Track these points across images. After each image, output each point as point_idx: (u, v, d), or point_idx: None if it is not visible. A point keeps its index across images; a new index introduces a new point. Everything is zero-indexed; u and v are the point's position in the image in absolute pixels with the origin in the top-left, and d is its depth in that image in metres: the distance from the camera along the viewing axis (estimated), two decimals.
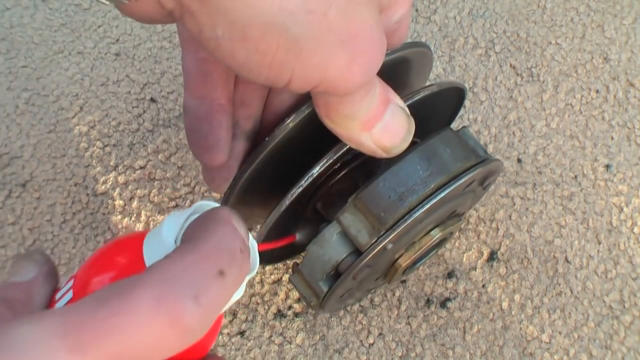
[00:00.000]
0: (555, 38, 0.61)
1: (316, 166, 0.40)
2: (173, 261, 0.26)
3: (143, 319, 0.24)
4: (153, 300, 0.24)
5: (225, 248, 0.27)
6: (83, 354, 0.24)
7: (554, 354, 0.51)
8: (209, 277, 0.26)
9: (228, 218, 0.29)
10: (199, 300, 0.25)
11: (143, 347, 0.25)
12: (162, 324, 0.24)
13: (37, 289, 0.30)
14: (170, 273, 0.25)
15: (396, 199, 0.39)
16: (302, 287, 0.43)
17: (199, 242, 0.27)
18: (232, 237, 0.28)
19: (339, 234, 0.41)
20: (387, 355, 0.51)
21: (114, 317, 0.24)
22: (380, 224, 0.39)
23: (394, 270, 0.45)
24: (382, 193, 0.39)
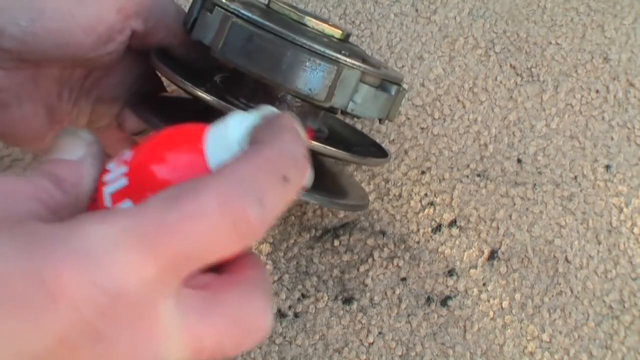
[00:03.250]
0: (555, 38, 0.61)
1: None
2: (239, 164, 0.26)
3: (210, 222, 0.25)
4: (220, 203, 0.25)
5: (289, 154, 0.28)
6: (156, 257, 0.24)
7: (554, 353, 0.51)
8: (273, 181, 0.26)
9: (292, 124, 0.29)
10: (263, 203, 0.26)
11: (208, 248, 0.25)
12: (227, 226, 0.25)
13: (86, 170, 0.30)
14: (236, 176, 0.26)
15: None
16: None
17: (265, 147, 0.27)
18: (295, 143, 0.28)
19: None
20: (387, 355, 0.51)
21: (184, 221, 0.25)
22: None
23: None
24: None
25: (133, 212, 0.25)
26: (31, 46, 0.38)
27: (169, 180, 0.28)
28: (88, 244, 0.24)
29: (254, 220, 0.25)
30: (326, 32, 0.44)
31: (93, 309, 0.23)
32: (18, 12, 0.37)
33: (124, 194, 0.28)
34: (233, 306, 0.27)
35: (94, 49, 0.41)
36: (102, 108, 0.48)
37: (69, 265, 0.23)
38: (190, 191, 0.25)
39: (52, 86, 0.44)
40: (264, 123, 0.29)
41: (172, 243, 0.24)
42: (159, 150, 0.29)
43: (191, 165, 0.28)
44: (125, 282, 0.24)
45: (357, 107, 0.41)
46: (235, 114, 0.30)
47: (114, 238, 0.24)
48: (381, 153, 0.49)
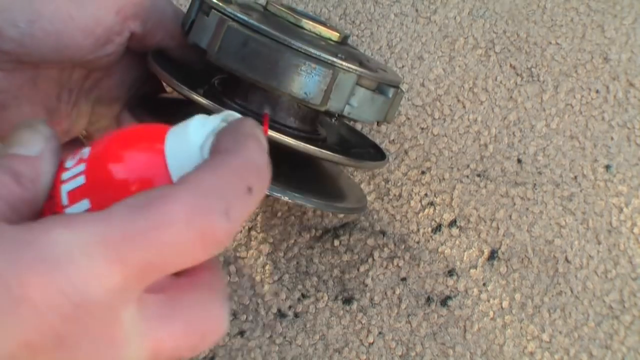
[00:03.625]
0: (555, 38, 0.61)
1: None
2: (206, 174, 0.26)
3: (177, 232, 0.25)
4: (187, 214, 0.25)
5: (254, 164, 0.28)
6: (121, 265, 0.24)
7: (554, 353, 0.51)
8: (239, 192, 0.27)
9: (255, 131, 0.29)
10: (229, 215, 0.26)
11: (173, 258, 0.25)
12: (194, 237, 0.25)
13: (43, 166, 0.29)
14: (203, 187, 0.26)
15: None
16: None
17: (230, 156, 0.27)
18: (259, 153, 0.28)
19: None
20: (387, 355, 0.51)
21: (151, 230, 0.25)
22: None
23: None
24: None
25: (99, 218, 0.25)
26: (30, 48, 0.39)
27: (127, 180, 0.28)
28: (54, 250, 0.24)
29: (220, 232, 0.25)
30: (323, 35, 0.44)
31: (57, 315, 0.24)
32: (16, 14, 0.37)
33: (81, 192, 0.28)
34: (191, 310, 0.28)
35: (93, 50, 0.41)
36: (102, 109, 0.48)
37: (35, 271, 0.23)
38: (157, 200, 0.25)
39: (51, 88, 0.44)
40: (228, 129, 0.29)
41: (138, 252, 0.25)
42: (118, 149, 0.29)
43: (150, 166, 0.28)
44: (89, 289, 0.24)
45: (353, 111, 0.41)
46: (197, 117, 0.29)
47: (80, 245, 0.24)
48: (379, 155, 0.49)
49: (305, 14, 0.45)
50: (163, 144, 0.28)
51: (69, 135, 0.48)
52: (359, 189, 0.53)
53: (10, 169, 0.28)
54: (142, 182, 0.28)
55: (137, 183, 0.28)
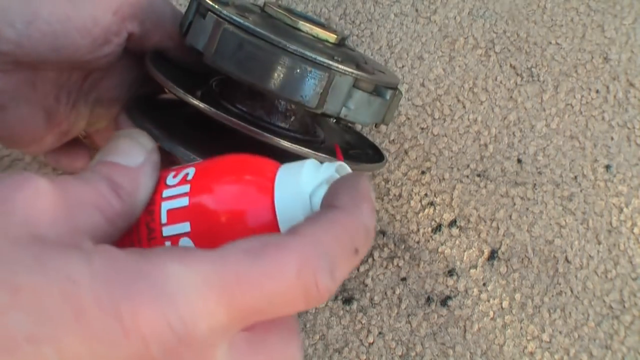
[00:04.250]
0: (555, 38, 0.61)
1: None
2: (318, 229, 0.26)
3: (287, 284, 0.25)
4: (298, 267, 0.25)
5: (365, 227, 0.28)
6: (230, 308, 0.25)
7: (554, 353, 0.51)
8: (347, 253, 0.27)
9: (368, 191, 0.29)
10: (334, 275, 0.26)
11: (278, 307, 0.26)
12: (300, 290, 0.25)
13: (144, 179, 0.29)
14: (315, 242, 0.26)
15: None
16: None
17: (344, 215, 0.27)
18: (371, 216, 0.28)
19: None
20: (387, 355, 0.51)
21: (263, 278, 0.25)
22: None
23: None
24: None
25: (214, 258, 0.25)
26: (27, 49, 0.39)
27: (232, 213, 0.28)
28: (168, 284, 0.24)
29: (323, 290, 0.26)
30: (320, 37, 0.43)
31: (160, 348, 0.24)
32: (13, 15, 0.37)
33: (183, 215, 0.28)
34: (273, 351, 0.28)
35: (91, 51, 0.41)
36: (101, 110, 0.48)
37: (147, 304, 0.24)
38: (271, 248, 0.25)
39: (49, 89, 0.44)
40: (343, 184, 0.29)
41: (248, 297, 0.25)
42: (226, 179, 0.29)
43: (258, 204, 0.28)
44: (196, 327, 0.24)
45: (350, 113, 0.41)
46: (310, 162, 0.29)
47: (192, 282, 0.24)
48: (378, 156, 0.49)
49: (302, 16, 0.44)
50: (272, 183, 0.28)
51: (68, 136, 0.48)
52: None
53: (110, 180, 0.28)
54: (246, 217, 0.28)
55: (241, 218, 0.28)
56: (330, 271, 0.26)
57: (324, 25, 0.45)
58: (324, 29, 0.44)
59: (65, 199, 0.27)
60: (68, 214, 0.26)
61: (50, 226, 0.26)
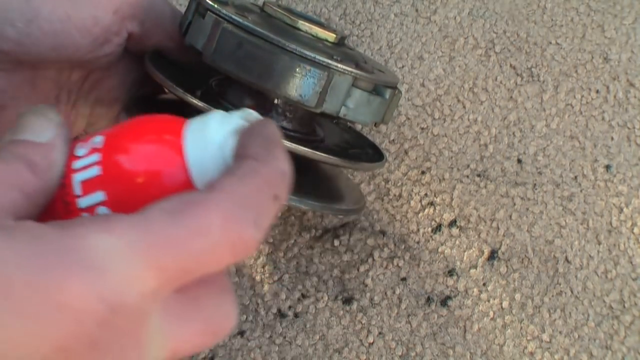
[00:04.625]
0: (555, 38, 0.61)
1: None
2: (236, 182, 0.27)
3: (213, 240, 0.25)
4: (222, 222, 0.25)
5: (280, 172, 0.28)
6: (158, 271, 0.25)
7: (554, 353, 0.51)
8: (267, 202, 0.27)
9: (279, 137, 0.29)
10: (258, 224, 0.26)
11: (206, 264, 0.26)
12: (227, 245, 0.26)
13: (56, 154, 0.29)
14: (236, 196, 0.26)
15: None
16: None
17: (257, 164, 0.28)
18: (285, 161, 0.29)
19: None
20: (387, 355, 0.51)
21: (188, 237, 0.25)
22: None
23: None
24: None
25: (137, 222, 0.25)
26: (27, 48, 0.39)
27: (144, 174, 0.28)
28: (93, 255, 0.24)
29: (249, 241, 0.26)
30: (319, 36, 0.43)
31: (94, 320, 0.24)
32: (14, 14, 0.37)
33: (96, 183, 0.28)
34: (208, 310, 0.28)
35: (91, 50, 0.41)
36: (101, 110, 0.48)
37: (75, 277, 0.23)
38: (194, 206, 0.26)
39: (49, 88, 0.44)
40: (251, 132, 0.29)
41: (175, 258, 0.25)
42: (135, 142, 0.29)
43: (169, 161, 0.28)
44: (126, 294, 0.24)
45: (349, 112, 0.41)
46: (216, 113, 0.29)
47: (118, 250, 0.24)
48: (377, 156, 0.49)
49: (301, 15, 0.44)
50: (181, 139, 0.28)
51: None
52: (358, 189, 0.53)
53: (24, 157, 0.28)
54: (161, 177, 0.28)
55: (155, 178, 0.28)
56: (254, 221, 0.26)
57: (323, 25, 0.45)
58: (323, 28, 0.44)
59: None
60: None
61: None
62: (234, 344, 0.51)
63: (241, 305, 0.52)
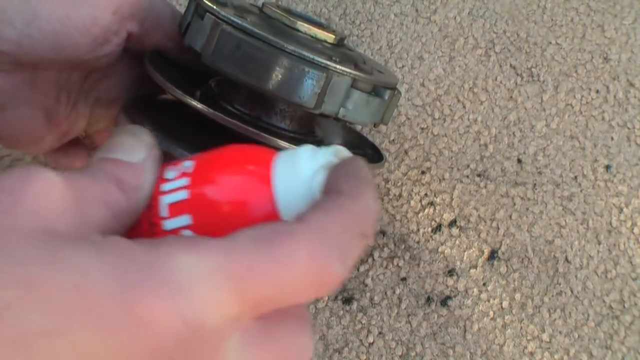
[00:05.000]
0: (555, 38, 0.61)
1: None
2: (325, 216, 0.27)
3: (298, 272, 0.25)
4: (309, 255, 0.25)
5: (370, 211, 0.28)
6: (241, 298, 0.25)
7: (554, 353, 0.51)
8: (355, 239, 0.27)
9: (368, 174, 0.29)
10: (345, 261, 0.26)
11: (290, 295, 0.26)
12: (312, 278, 0.25)
13: (146, 174, 0.29)
14: (325, 230, 0.26)
15: None
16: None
17: (350, 202, 0.27)
18: (374, 199, 0.28)
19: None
20: (387, 355, 0.51)
21: (274, 267, 0.25)
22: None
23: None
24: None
25: (225, 247, 0.25)
26: (27, 48, 0.39)
27: (232, 203, 0.28)
28: (178, 275, 0.24)
29: (335, 277, 0.26)
30: (318, 37, 0.43)
31: (173, 339, 0.24)
32: (13, 15, 0.37)
33: (184, 207, 0.28)
34: (287, 338, 0.28)
35: (90, 50, 0.41)
36: (101, 110, 0.48)
37: (159, 295, 0.23)
38: (281, 236, 0.25)
39: (49, 89, 0.44)
40: (342, 169, 0.29)
41: (260, 287, 0.25)
42: (224, 169, 0.29)
43: (257, 192, 0.28)
44: (208, 317, 0.24)
45: (348, 113, 0.41)
46: (306, 147, 0.30)
47: (204, 272, 0.24)
48: (377, 156, 0.49)
49: (300, 16, 0.44)
50: (270, 171, 0.28)
51: (68, 136, 0.48)
52: None
53: (115, 176, 0.28)
54: (248, 207, 0.28)
55: (242, 207, 0.28)
56: (341, 258, 0.26)
57: (322, 26, 0.45)
58: (322, 29, 0.44)
59: (74, 192, 0.26)
60: (77, 207, 0.26)
61: (59, 219, 0.26)
62: None
63: None
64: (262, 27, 0.40)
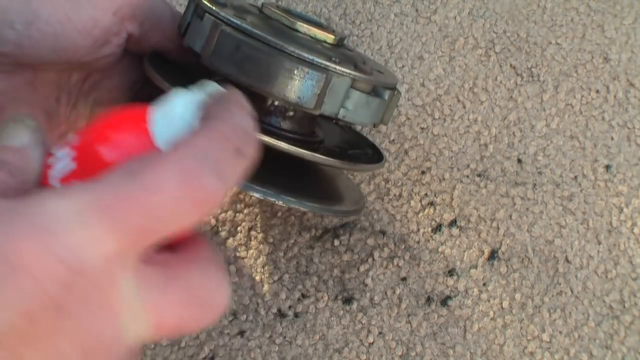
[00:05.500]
0: (555, 38, 0.61)
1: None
2: (194, 138, 0.27)
3: (170, 194, 0.25)
4: (178, 175, 0.25)
5: (240, 127, 0.28)
6: (116, 230, 0.25)
7: (554, 353, 0.51)
8: (228, 154, 0.27)
9: (240, 99, 0.30)
10: (219, 174, 0.26)
11: (167, 220, 0.26)
12: (186, 198, 0.26)
13: (32, 155, 0.30)
14: (193, 150, 0.26)
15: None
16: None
17: (217, 121, 0.28)
18: (245, 117, 0.29)
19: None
20: (387, 355, 0.51)
21: (144, 193, 0.25)
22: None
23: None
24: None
25: (93, 185, 0.25)
26: (27, 49, 0.39)
27: (117, 160, 0.28)
28: (48, 217, 0.24)
29: (211, 191, 0.26)
30: (318, 38, 0.43)
31: (55, 283, 0.24)
32: (14, 16, 0.37)
33: (72, 176, 0.29)
34: (192, 281, 0.28)
35: (91, 52, 0.41)
36: (101, 110, 0.48)
37: (31, 239, 0.24)
38: (149, 165, 0.26)
39: (50, 90, 0.44)
40: (214, 99, 0.30)
41: (132, 216, 0.25)
42: (105, 132, 0.30)
43: (138, 144, 0.29)
44: (86, 255, 0.24)
45: (348, 114, 0.41)
46: (178, 92, 0.30)
47: (73, 211, 0.24)
48: (377, 156, 0.49)
49: (300, 16, 0.44)
50: (148, 122, 0.29)
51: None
52: (358, 190, 0.53)
53: (1, 160, 0.29)
54: (130, 158, 0.29)
55: (125, 159, 0.29)
56: (215, 171, 0.26)
57: (322, 26, 0.45)
58: (322, 29, 0.44)
59: None
60: None
61: None
62: (234, 344, 0.51)
63: (241, 305, 0.52)
64: (262, 27, 0.40)
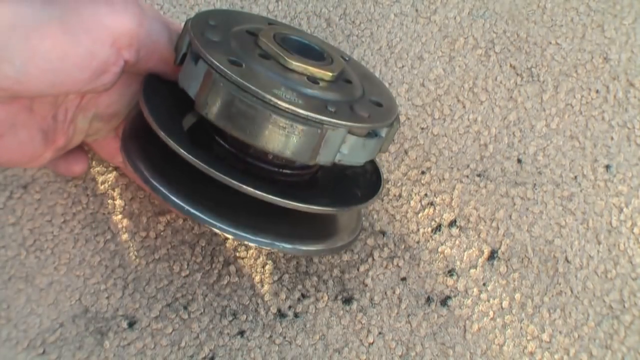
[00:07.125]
0: (555, 38, 0.61)
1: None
2: None
3: None
4: None
5: None
6: None
7: (554, 353, 0.51)
8: None
9: None
10: None
11: None
12: None
13: None
14: None
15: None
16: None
17: None
18: None
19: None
20: (387, 355, 0.51)
21: None
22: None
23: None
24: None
25: None
26: (26, 85, 0.38)
27: None
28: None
29: None
30: (316, 77, 0.43)
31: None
32: (12, 52, 0.37)
33: None
34: None
35: (89, 82, 0.40)
36: (100, 124, 0.48)
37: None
38: None
39: (46, 110, 0.43)
40: None
41: None
42: None
43: None
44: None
45: (344, 158, 0.41)
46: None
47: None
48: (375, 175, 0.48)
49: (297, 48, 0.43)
50: None
51: (66, 149, 0.47)
52: (357, 215, 0.52)
53: None
54: None
55: None
56: None
57: (322, 56, 0.44)
58: (319, 66, 0.43)
59: None
60: None
61: None
62: (234, 344, 0.51)
63: (241, 305, 0.52)
64: (257, 75, 0.39)
